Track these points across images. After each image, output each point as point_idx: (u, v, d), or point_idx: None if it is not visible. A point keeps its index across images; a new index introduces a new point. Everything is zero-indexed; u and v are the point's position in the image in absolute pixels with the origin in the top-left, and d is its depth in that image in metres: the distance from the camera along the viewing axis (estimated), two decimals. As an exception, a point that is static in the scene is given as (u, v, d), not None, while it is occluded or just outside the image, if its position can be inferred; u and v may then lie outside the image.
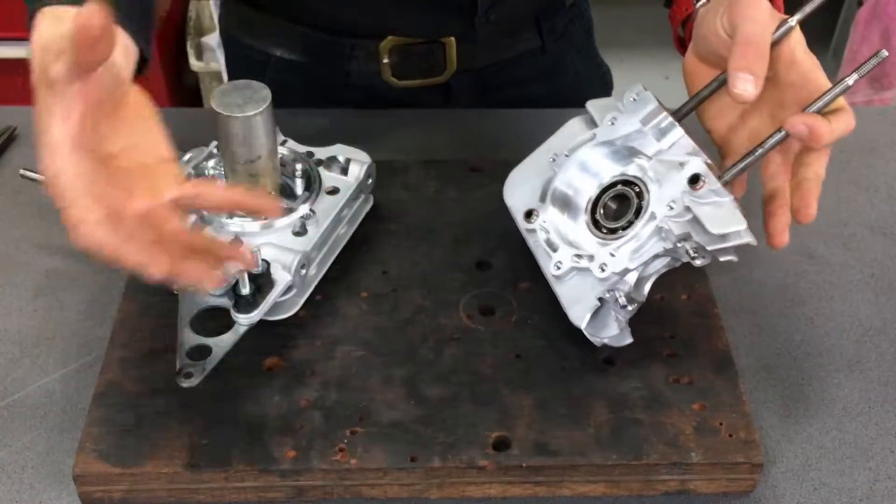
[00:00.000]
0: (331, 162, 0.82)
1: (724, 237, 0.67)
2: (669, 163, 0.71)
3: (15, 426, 0.72)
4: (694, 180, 0.68)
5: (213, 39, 2.26)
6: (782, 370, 0.78)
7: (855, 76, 0.67)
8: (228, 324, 0.71)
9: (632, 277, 0.71)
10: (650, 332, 0.74)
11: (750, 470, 0.68)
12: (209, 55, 2.25)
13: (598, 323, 0.73)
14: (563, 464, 0.67)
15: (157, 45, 2.12)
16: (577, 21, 1.10)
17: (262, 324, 0.73)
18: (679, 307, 0.78)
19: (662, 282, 0.79)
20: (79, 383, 0.75)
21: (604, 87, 1.17)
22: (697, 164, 0.69)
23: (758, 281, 0.85)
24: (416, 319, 0.77)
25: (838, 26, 2.56)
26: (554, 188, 0.76)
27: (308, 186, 0.79)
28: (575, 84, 1.12)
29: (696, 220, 0.68)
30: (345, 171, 0.82)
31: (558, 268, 0.74)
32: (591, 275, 0.72)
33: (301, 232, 0.76)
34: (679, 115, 0.74)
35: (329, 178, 0.81)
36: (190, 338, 0.70)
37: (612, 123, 0.75)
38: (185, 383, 0.67)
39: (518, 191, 0.80)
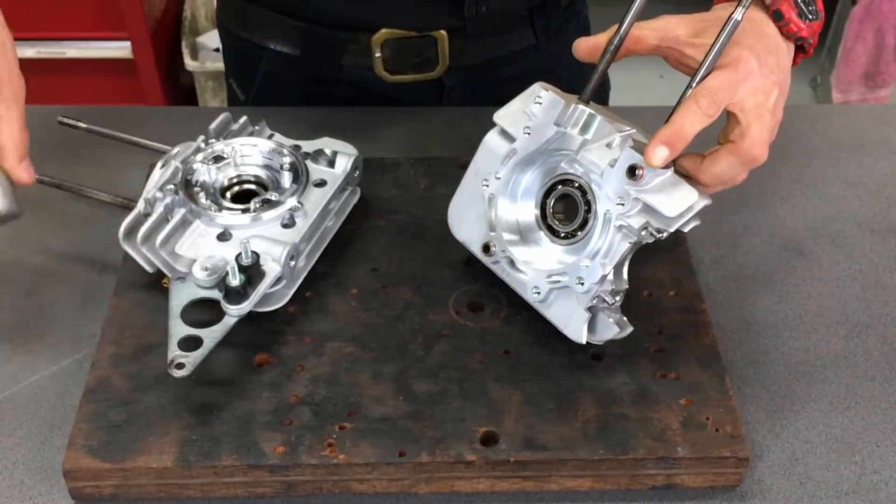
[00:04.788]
0: (318, 155, 0.83)
1: (682, 214, 0.67)
2: (597, 148, 0.70)
3: (5, 423, 0.73)
4: (632, 173, 0.68)
5: (208, 39, 2.27)
6: (769, 365, 0.78)
7: (741, 10, 0.66)
8: (218, 315, 0.71)
9: (609, 276, 0.71)
10: (638, 328, 0.74)
11: (736, 464, 0.68)
12: (204, 55, 2.26)
13: (596, 328, 0.73)
14: (551, 458, 0.67)
15: (153, 45, 2.13)
16: (574, 20, 1.10)
17: (252, 320, 0.74)
18: (667, 303, 0.78)
19: (650, 278, 0.80)
20: (69, 380, 0.75)
21: (600, 88, 1.17)
22: (630, 154, 0.68)
23: (746, 277, 0.86)
24: (405, 316, 0.77)
25: (832, 24, 2.56)
26: (498, 219, 0.76)
27: (296, 179, 0.80)
28: (570, 84, 1.12)
29: (650, 209, 0.68)
30: (332, 163, 0.82)
31: (538, 293, 0.74)
32: (572, 290, 0.72)
33: (289, 224, 0.77)
34: (586, 97, 0.73)
35: (316, 170, 0.82)
36: (180, 329, 0.70)
37: (528, 133, 0.74)
38: (177, 374, 0.67)
39: (464, 223, 0.79)
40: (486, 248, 0.77)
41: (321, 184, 0.81)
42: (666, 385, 0.72)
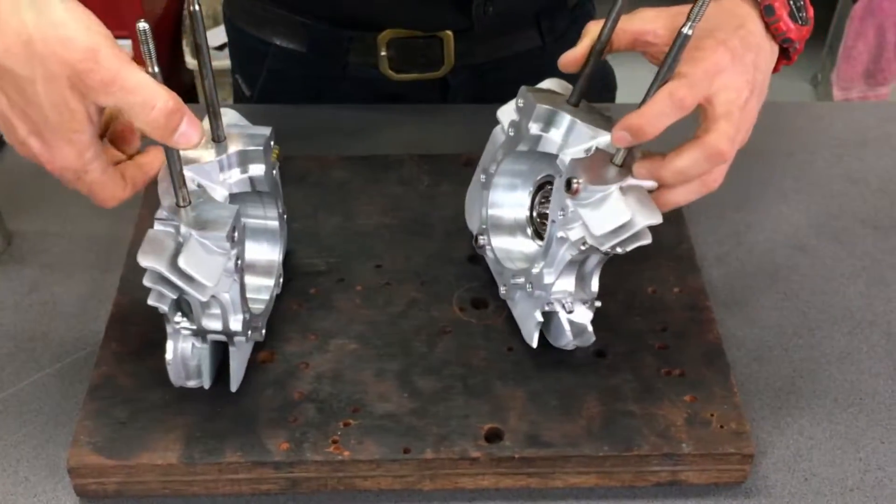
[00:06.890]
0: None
1: (614, 233, 0.64)
2: (574, 153, 0.69)
3: (10, 420, 0.73)
4: (568, 186, 0.65)
5: (209, 37, 2.26)
6: (773, 362, 0.78)
7: (690, 23, 0.61)
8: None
9: (566, 285, 0.70)
10: (642, 325, 0.74)
11: (741, 461, 0.68)
12: (205, 53, 2.25)
13: (554, 332, 0.73)
14: (555, 455, 0.67)
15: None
16: (581, 22, 1.10)
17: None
18: (671, 300, 0.78)
19: (654, 275, 0.80)
20: (73, 377, 0.75)
21: (606, 89, 1.17)
22: (573, 166, 0.66)
23: (749, 274, 0.86)
24: (409, 313, 0.77)
25: (833, 22, 2.56)
26: (489, 213, 0.77)
27: None
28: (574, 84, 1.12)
29: (584, 223, 0.66)
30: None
31: (504, 289, 0.75)
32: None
33: None
34: (574, 100, 0.71)
35: None
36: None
37: (512, 133, 0.72)
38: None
39: (472, 213, 0.80)
40: (476, 239, 0.78)
41: None
42: (670, 382, 0.72)
